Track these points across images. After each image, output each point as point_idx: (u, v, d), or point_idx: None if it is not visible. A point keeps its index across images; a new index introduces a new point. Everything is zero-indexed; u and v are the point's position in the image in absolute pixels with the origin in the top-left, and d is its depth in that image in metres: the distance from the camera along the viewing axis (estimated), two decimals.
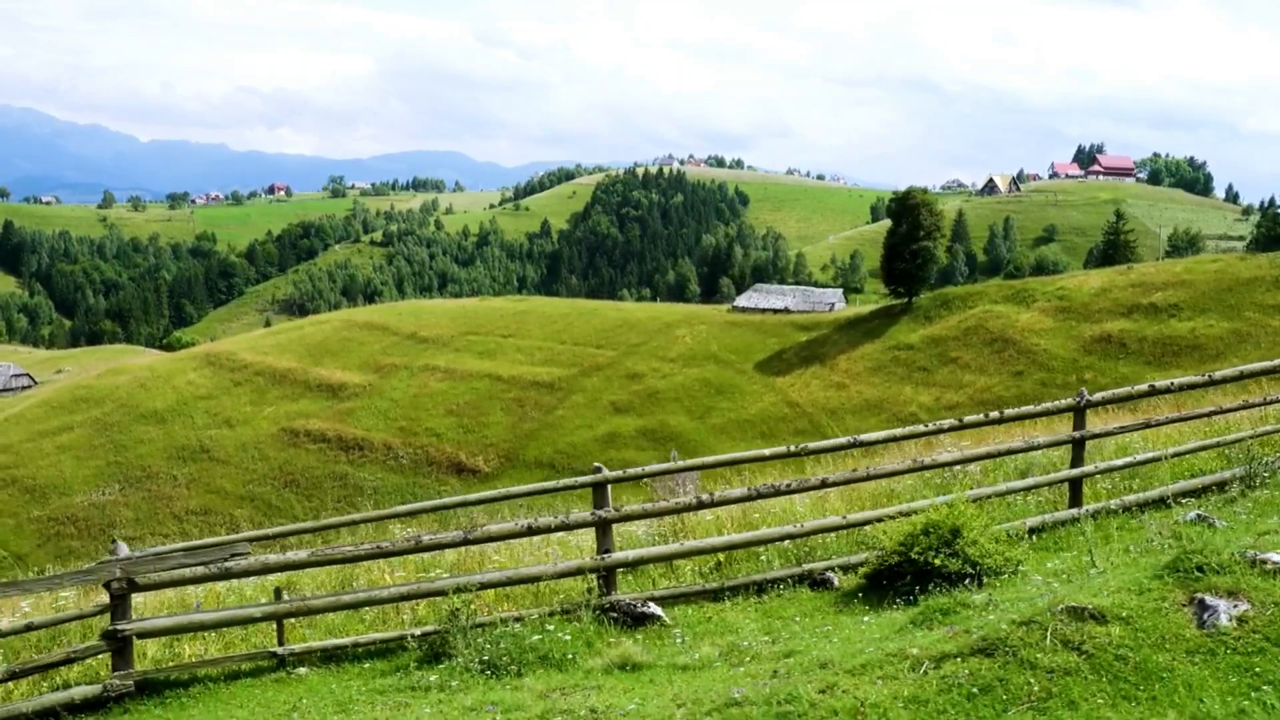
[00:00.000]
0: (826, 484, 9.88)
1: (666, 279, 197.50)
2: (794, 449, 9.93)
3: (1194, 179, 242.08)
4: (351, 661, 8.68)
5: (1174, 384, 10.95)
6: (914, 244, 69.01)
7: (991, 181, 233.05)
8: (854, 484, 10.51)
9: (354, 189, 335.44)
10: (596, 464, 9.67)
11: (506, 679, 7.48)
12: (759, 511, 10.97)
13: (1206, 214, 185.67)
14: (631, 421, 65.12)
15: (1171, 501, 9.91)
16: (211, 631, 9.20)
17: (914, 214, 69.90)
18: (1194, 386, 11.37)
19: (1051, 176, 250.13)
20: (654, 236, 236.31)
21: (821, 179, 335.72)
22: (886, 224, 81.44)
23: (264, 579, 10.72)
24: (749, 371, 69.26)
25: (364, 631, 9.24)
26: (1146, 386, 10.97)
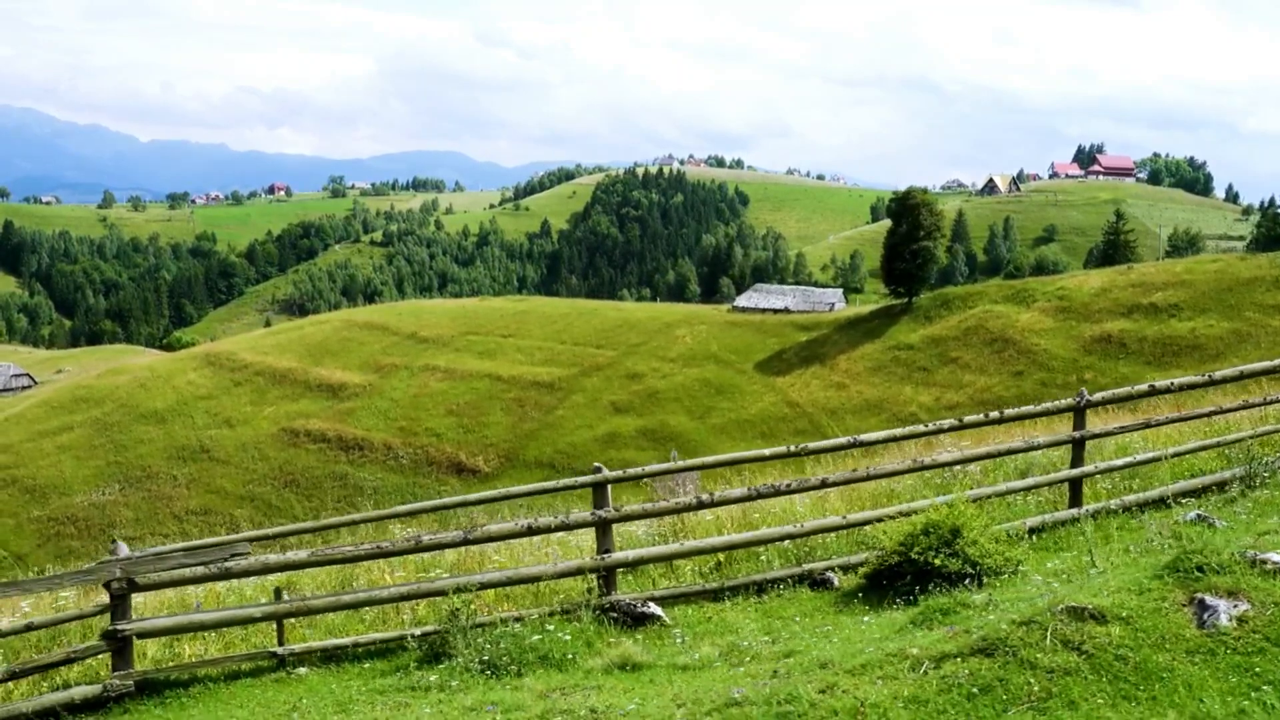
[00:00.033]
0: (826, 484, 9.88)
1: (666, 279, 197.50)
2: (794, 449, 9.92)
3: (1194, 179, 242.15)
4: (351, 661, 8.68)
5: (1174, 384, 10.95)
6: (914, 244, 69.04)
7: (991, 181, 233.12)
8: (854, 484, 10.51)
9: (354, 189, 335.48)
10: (597, 464, 9.67)
11: (507, 679, 7.48)
12: (759, 511, 10.97)
13: (1206, 214, 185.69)
14: (631, 421, 65.13)
15: (1171, 501, 9.91)
16: (211, 631, 9.19)
17: (914, 214, 69.93)
18: (1194, 386, 11.37)
19: (1051, 176, 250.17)
20: (654, 236, 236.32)
21: (821, 179, 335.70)
22: (886, 224, 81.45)
23: (264, 579, 10.72)
24: (749, 371, 69.27)
25: (364, 631, 9.24)
26: (1147, 386, 10.97)
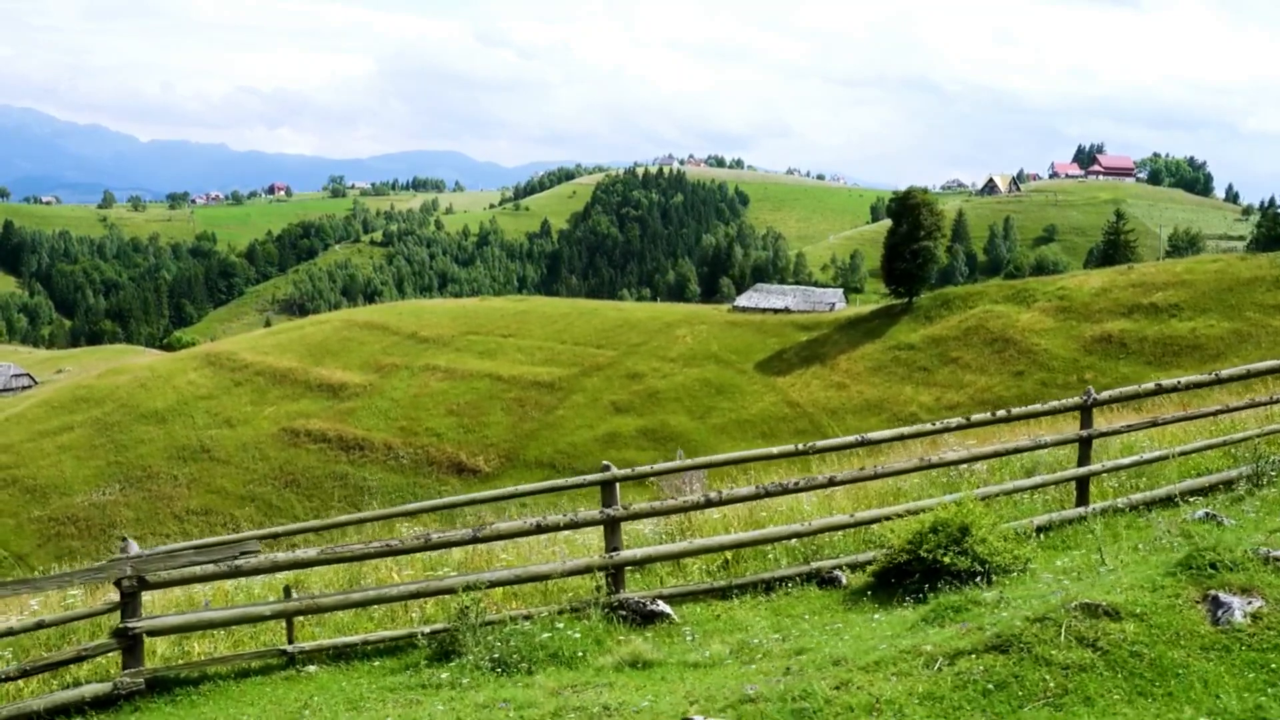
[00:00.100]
0: (834, 482, 9.89)
1: (666, 279, 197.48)
2: (801, 448, 9.90)
3: (1194, 179, 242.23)
4: (361, 659, 8.69)
5: (1180, 383, 10.94)
6: (914, 244, 69.05)
7: (991, 181, 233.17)
8: (861, 482, 10.52)
9: (354, 189, 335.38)
10: (605, 462, 9.67)
11: (518, 676, 7.49)
12: (766, 510, 10.98)
13: (1206, 214, 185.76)
14: (632, 421, 65.13)
15: (1179, 500, 9.93)
16: (221, 629, 9.20)
17: (914, 214, 69.94)
18: (1200, 385, 11.35)
19: (1051, 176, 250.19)
20: (654, 236, 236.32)
21: (821, 179, 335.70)
22: (886, 224, 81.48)
23: (272, 577, 10.72)
24: (749, 371, 69.27)
25: (373, 629, 9.24)
26: (1153, 385, 10.97)
